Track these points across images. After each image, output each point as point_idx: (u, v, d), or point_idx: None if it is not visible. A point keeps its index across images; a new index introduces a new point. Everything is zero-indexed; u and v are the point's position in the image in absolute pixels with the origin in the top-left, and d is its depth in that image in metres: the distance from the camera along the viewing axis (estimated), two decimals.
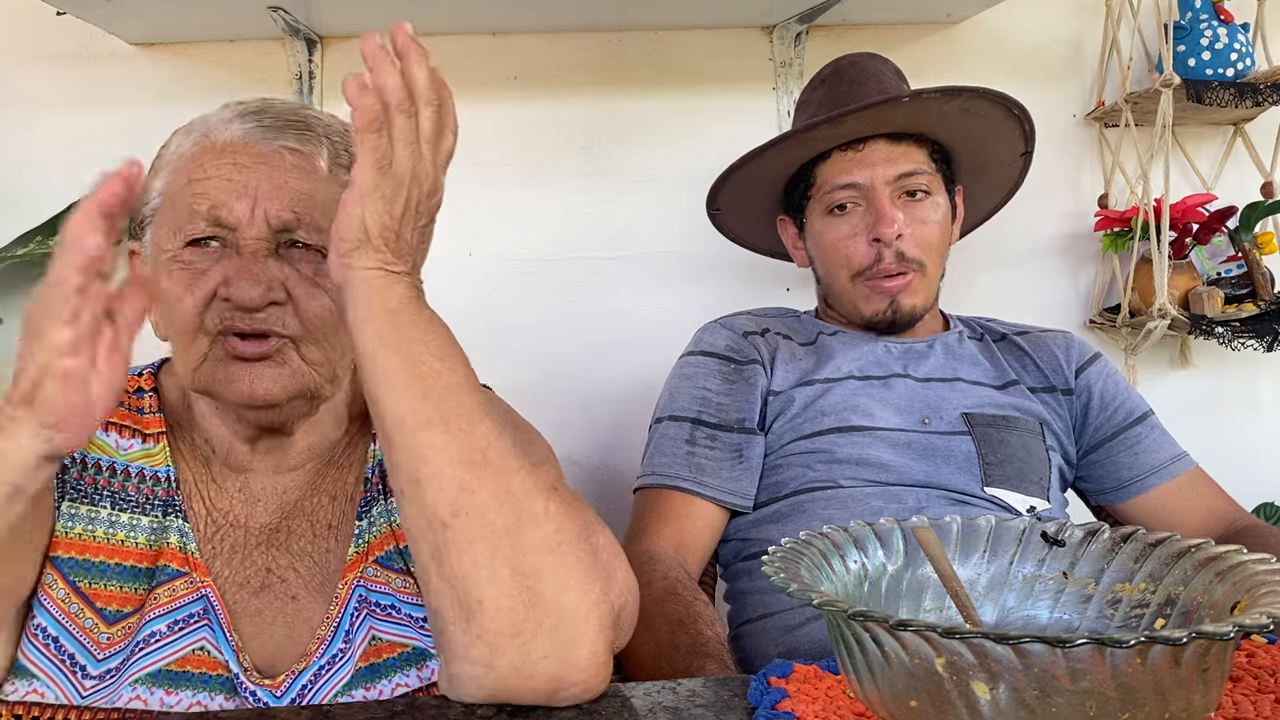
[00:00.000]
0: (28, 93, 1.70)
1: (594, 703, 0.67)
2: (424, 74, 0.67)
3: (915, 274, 1.26)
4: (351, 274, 0.68)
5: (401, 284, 0.68)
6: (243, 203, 0.76)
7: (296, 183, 0.79)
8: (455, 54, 1.75)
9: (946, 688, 0.52)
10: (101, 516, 0.81)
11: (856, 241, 1.26)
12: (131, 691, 0.76)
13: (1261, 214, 1.76)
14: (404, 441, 0.66)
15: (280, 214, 0.77)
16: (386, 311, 0.67)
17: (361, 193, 0.66)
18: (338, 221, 0.67)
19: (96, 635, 0.77)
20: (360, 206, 0.66)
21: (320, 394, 0.82)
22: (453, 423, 0.66)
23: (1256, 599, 0.55)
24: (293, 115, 0.82)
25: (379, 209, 0.66)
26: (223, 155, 0.78)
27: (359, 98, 0.65)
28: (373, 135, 0.65)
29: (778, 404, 1.25)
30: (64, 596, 0.78)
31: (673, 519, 1.19)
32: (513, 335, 1.76)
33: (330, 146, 0.82)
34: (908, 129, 1.27)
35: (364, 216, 0.66)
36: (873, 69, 1.33)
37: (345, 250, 0.67)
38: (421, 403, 0.66)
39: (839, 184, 1.27)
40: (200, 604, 0.79)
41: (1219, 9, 1.75)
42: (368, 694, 0.78)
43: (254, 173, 0.77)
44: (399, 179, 0.67)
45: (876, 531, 0.71)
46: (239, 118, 0.80)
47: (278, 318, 0.77)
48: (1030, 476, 1.20)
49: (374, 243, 0.67)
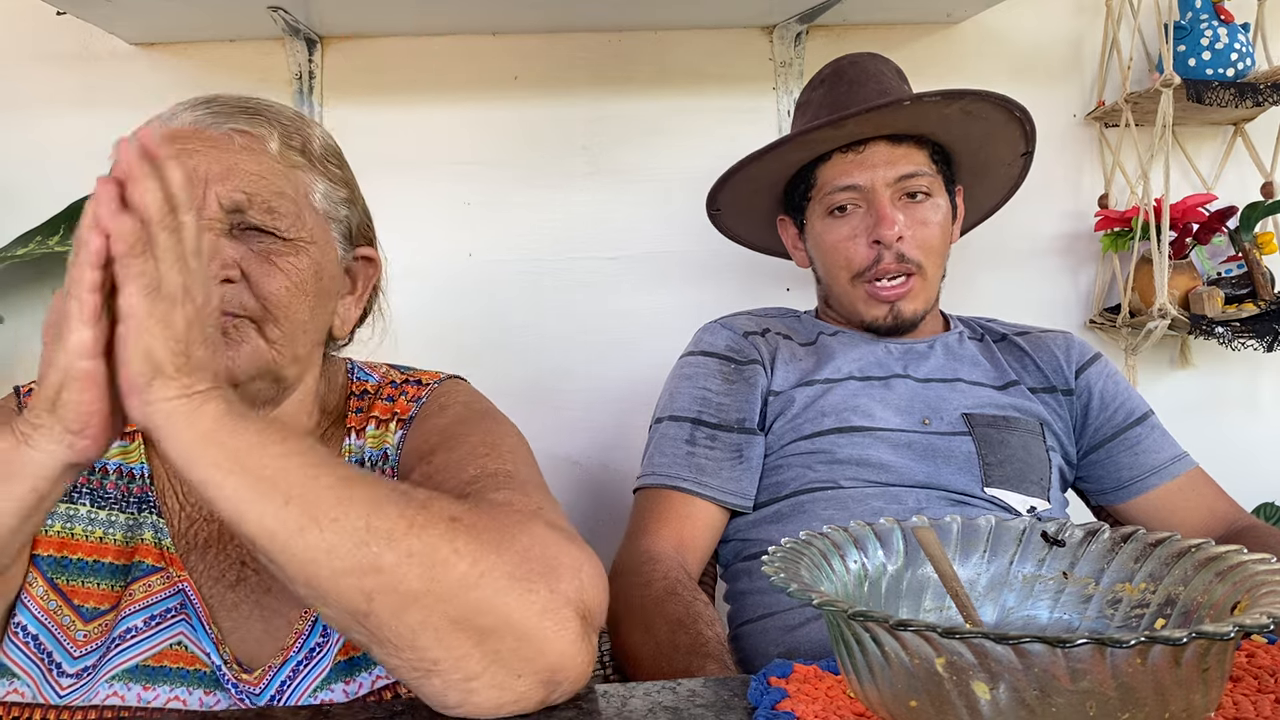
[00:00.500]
0: (28, 93, 1.70)
1: (594, 703, 0.67)
2: (180, 177, 0.61)
3: (915, 278, 1.26)
4: (154, 411, 0.61)
5: (210, 402, 0.62)
6: (194, 187, 0.76)
7: (247, 164, 0.79)
8: (455, 54, 1.75)
9: (946, 688, 0.52)
10: (81, 514, 0.82)
11: (856, 243, 1.26)
12: (109, 688, 0.76)
13: (1261, 214, 1.76)
14: (285, 555, 0.61)
15: (231, 194, 0.77)
16: (207, 436, 0.61)
17: (138, 324, 0.60)
18: (122, 362, 0.61)
19: (73, 633, 0.78)
20: (141, 339, 0.60)
21: (283, 376, 0.81)
22: (323, 516, 0.60)
23: (1256, 599, 0.55)
24: (242, 102, 0.82)
25: (161, 336, 0.60)
26: (173, 143, 0.77)
27: (116, 221, 0.59)
28: (136, 260, 0.59)
29: (778, 404, 1.25)
30: (43, 594, 0.79)
31: (673, 519, 1.19)
32: (513, 335, 1.76)
33: (281, 129, 0.82)
34: (908, 131, 1.27)
35: (148, 348, 0.60)
36: (873, 69, 1.33)
37: (140, 388, 0.61)
38: (284, 510, 0.60)
39: (839, 185, 1.27)
40: (177, 598, 0.79)
41: (1219, 9, 1.75)
42: (347, 687, 0.78)
43: (204, 156, 0.78)
44: (172, 299, 0.60)
45: (876, 531, 0.71)
46: (189, 108, 0.81)
47: (234, 297, 0.77)
48: (1030, 477, 1.20)
49: (167, 371, 0.61)
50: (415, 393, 0.90)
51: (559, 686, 0.65)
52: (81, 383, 0.60)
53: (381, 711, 0.67)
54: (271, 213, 0.79)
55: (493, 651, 0.62)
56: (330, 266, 0.85)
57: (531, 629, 0.62)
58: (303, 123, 0.85)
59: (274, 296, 0.78)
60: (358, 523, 0.61)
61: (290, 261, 0.79)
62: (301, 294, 0.80)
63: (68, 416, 0.61)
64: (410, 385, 0.91)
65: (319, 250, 0.83)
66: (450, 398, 0.90)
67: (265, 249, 0.79)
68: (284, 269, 0.79)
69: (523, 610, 0.62)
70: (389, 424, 0.88)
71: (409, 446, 0.86)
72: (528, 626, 0.62)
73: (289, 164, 0.81)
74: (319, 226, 0.83)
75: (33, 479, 0.63)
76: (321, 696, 0.78)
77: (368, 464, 0.87)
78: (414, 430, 0.87)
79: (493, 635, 0.62)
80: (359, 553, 0.60)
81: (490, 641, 0.62)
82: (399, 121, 1.74)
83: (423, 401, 0.89)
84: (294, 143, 0.82)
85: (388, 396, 0.90)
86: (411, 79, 1.75)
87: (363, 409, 0.90)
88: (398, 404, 0.89)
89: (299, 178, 0.82)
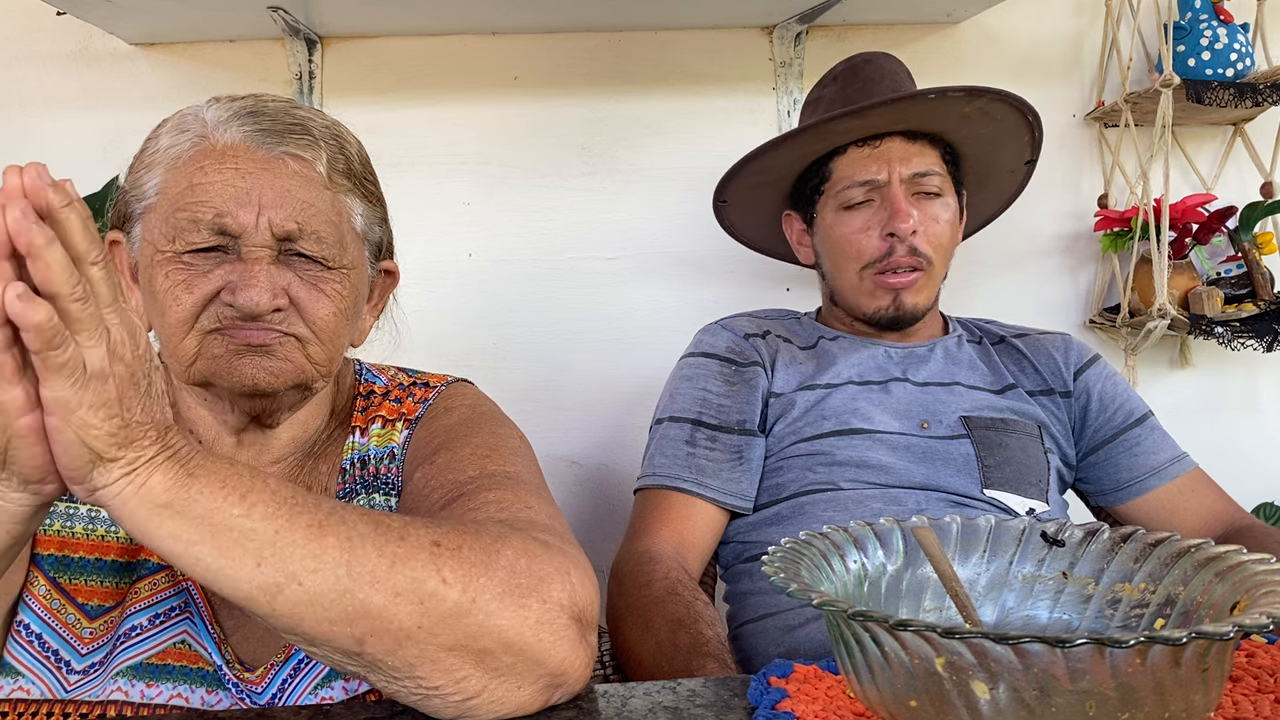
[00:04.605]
0: (28, 93, 1.71)
1: (594, 703, 0.67)
2: (78, 227, 0.52)
3: (923, 273, 1.26)
4: (102, 497, 0.57)
5: (158, 471, 0.57)
6: (247, 211, 0.76)
7: (299, 191, 0.79)
8: (455, 54, 1.76)
9: (946, 688, 0.52)
10: (81, 513, 0.82)
11: (869, 235, 1.26)
12: (113, 684, 0.77)
13: (1261, 214, 1.76)
14: (268, 613, 0.58)
15: (284, 223, 0.77)
16: (162, 509, 0.57)
17: (65, 418, 0.53)
18: (55, 455, 0.55)
19: (79, 630, 0.79)
20: (70, 432, 0.54)
21: (315, 388, 0.83)
22: (300, 570, 0.58)
23: (1256, 599, 0.55)
24: (291, 119, 0.81)
25: (93, 420, 0.54)
26: (224, 160, 0.77)
27: (30, 314, 0.50)
28: (55, 351, 0.51)
29: (779, 406, 1.25)
30: (45, 593, 0.79)
31: (673, 520, 1.19)
32: (513, 335, 1.77)
33: (328, 148, 0.82)
34: (926, 127, 1.27)
35: (80, 439, 0.54)
36: (888, 68, 1.34)
37: (79, 479, 0.56)
38: (258, 573, 0.58)
39: (857, 180, 1.27)
40: (181, 597, 0.80)
41: (1219, 9, 1.75)
42: (347, 684, 0.79)
43: (257, 179, 0.77)
44: (100, 377, 0.54)
45: (876, 532, 0.71)
46: (236, 119, 0.79)
47: (281, 320, 0.78)
48: (1029, 479, 1.20)
49: (106, 455, 0.55)
50: (422, 394, 0.91)
51: (560, 690, 0.65)
52: (27, 439, 0.55)
53: (381, 711, 0.67)
54: (320, 242, 0.79)
55: (492, 670, 0.62)
56: (363, 286, 0.86)
57: (529, 643, 0.63)
58: (343, 138, 0.85)
59: (321, 322, 0.79)
60: (338, 570, 0.59)
61: (335, 288, 0.81)
62: (344, 318, 0.82)
63: (24, 471, 0.57)
64: (418, 387, 0.92)
65: (358, 274, 0.84)
66: (456, 400, 0.91)
67: (313, 276, 0.80)
68: (330, 295, 0.80)
69: (518, 627, 0.62)
70: (395, 424, 0.89)
71: (414, 446, 0.86)
72: (524, 641, 0.62)
73: (335, 188, 0.82)
74: (358, 251, 0.85)
75: (4, 525, 0.60)
76: (322, 694, 0.79)
77: (370, 461, 0.87)
78: (420, 431, 0.88)
79: (491, 655, 0.62)
80: (344, 601, 0.59)
81: (489, 661, 0.62)
82: (399, 121, 1.75)
83: (429, 403, 0.90)
84: (339, 164, 0.83)
85: (395, 398, 0.91)
86: (411, 79, 1.75)
87: (368, 408, 0.90)
88: (405, 405, 0.90)
89: (343, 203, 0.83)
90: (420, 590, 0.60)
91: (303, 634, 0.60)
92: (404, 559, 0.61)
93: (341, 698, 0.79)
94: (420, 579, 0.60)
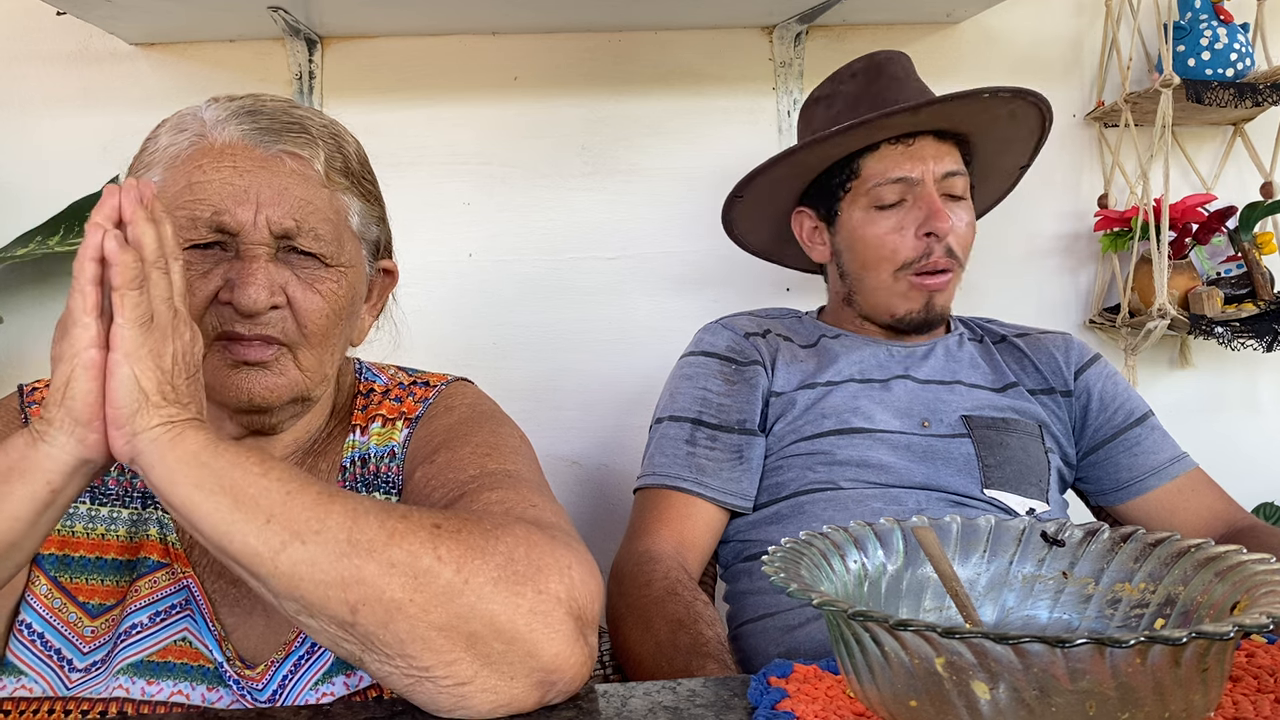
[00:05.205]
0: (28, 93, 1.71)
1: (594, 703, 0.67)
2: (169, 232, 0.66)
3: (953, 273, 1.27)
4: (140, 440, 0.63)
5: (192, 429, 0.64)
6: (245, 208, 0.77)
7: (297, 189, 0.79)
8: (455, 54, 1.76)
9: (946, 688, 0.52)
10: (81, 511, 0.82)
11: (904, 235, 1.25)
12: (114, 681, 0.77)
13: (1261, 214, 1.76)
14: (270, 571, 0.62)
15: (282, 221, 0.78)
16: (190, 459, 0.63)
17: (126, 353, 0.63)
18: (108, 391, 0.63)
19: (81, 629, 0.79)
20: (129, 367, 0.63)
21: (312, 397, 0.83)
22: (305, 531, 0.62)
23: (1256, 599, 0.55)
24: (288, 118, 0.82)
25: (149, 365, 0.63)
26: (221, 158, 0.78)
27: (120, 254, 0.62)
28: (134, 292, 0.62)
29: (779, 405, 1.25)
30: (46, 592, 0.80)
31: (673, 519, 1.19)
32: (513, 335, 1.77)
33: (325, 146, 0.82)
34: (961, 128, 1.28)
35: (136, 377, 0.63)
36: (910, 67, 1.34)
37: (125, 418, 0.63)
38: (267, 528, 0.61)
39: (892, 178, 1.25)
40: (182, 595, 0.80)
41: (1219, 9, 1.75)
42: (348, 680, 0.79)
43: (255, 177, 0.78)
44: (162, 333, 0.64)
45: (876, 531, 0.71)
46: (234, 118, 0.80)
47: (277, 322, 0.78)
48: (1029, 479, 1.20)
49: (153, 400, 0.63)
50: (423, 394, 0.91)
51: (554, 687, 0.65)
52: (89, 371, 0.62)
53: (381, 711, 0.67)
54: (318, 239, 0.80)
55: (483, 656, 0.62)
56: (360, 286, 0.86)
57: (520, 632, 0.63)
58: (341, 137, 0.85)
59: (313, 324, 0.80)
60: (339, 535, 0.62)
61: (330, 287, 0.81)
62: (336, 318, 0.82)
63: (76, 407, 0.63)
64: (418, 386, 0.93)
65: (355, 273, 0.84)
66: (457, 399, 0.91)
67: (310, 275, 0.80)
68: (324, 294, 0.80)
69: (509, 613, 0.62)
70: (396, 423, 0.89)
71: (414, 445, 0.87)
72: (516, 629, 0.62)
73: (332, 186, 0.82)
74: (355, 249, 0.85)
75: (46, 474, 0.64)
76: (322, 690, 0.79)
77: (371, 460, 0.87)
78: (420, 430, 0.88)
79: (481, 640, 0.62)
80: (341, 564, 0.61)
81: (480, 646, 0.62)
82: (399, 121, 1.75)
83: (430, 402, 0.90)
84: (336, 162, 0.83)
85: (395, 397, 0.91)
86: (411, 79, 1.75)
87: (368, 407, 0.91)
88: (405, 404, 0.90)
89: (340, 201, 0.83)
90: (415, 565, 0.62)
91: (300, 598, 0.62)
92: (403, 534, 0.63)
93: (342, 693, 0.79)
94: (416, 554, 0.62)
